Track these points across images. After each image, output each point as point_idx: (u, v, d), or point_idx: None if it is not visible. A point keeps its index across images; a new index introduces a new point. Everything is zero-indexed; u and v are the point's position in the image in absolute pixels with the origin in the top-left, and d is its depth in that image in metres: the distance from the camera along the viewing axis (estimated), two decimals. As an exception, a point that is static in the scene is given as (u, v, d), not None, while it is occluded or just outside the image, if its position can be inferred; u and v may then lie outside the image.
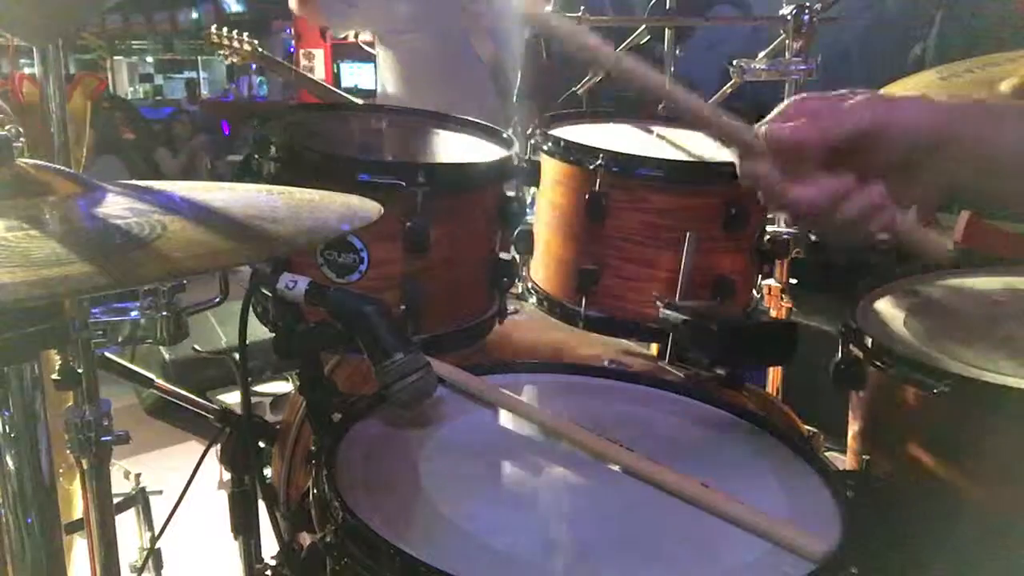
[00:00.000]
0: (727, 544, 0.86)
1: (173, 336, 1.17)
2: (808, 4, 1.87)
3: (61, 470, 1.57)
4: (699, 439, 1.10)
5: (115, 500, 1.47)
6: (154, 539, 1.67)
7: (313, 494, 0.93)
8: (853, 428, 1.34)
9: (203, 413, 1.53)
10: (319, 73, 8.85)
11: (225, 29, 3.32)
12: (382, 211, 0.96)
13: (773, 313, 1.83)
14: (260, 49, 3.34)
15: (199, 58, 10.69)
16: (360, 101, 2.98)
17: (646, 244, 1.41)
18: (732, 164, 1.28)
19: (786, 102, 0.83)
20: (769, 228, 1.58)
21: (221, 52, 3.39)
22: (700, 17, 2.72)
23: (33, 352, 0.91)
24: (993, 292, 1.39)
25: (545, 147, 1.49)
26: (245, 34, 3.34)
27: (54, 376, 1.18)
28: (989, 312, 1.34)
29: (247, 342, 1.18)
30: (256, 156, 1.28)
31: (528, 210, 1.52)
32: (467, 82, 2.86)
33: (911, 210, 0.81)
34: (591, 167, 1.39)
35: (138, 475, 1.81)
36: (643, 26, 2.20)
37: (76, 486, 1.56)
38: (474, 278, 1.39)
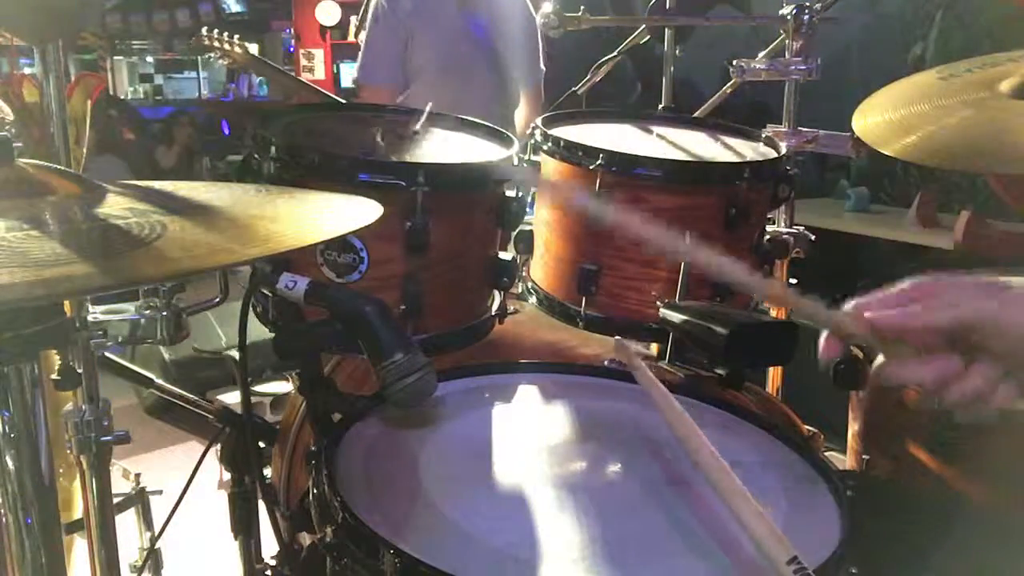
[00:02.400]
0: (727, 543, 0.86)
1: (173, 336, 1.17)
2: (808, 4, 1.87)
3: (61, 470, 1.57)
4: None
5: (115, 500, 1.47)
6: (154, 539, 1.67)
7: (313, 494, 0.93)
8: (853, 428, 1.34)
9: (203, 413, 1.53)
10: (319, 73, 8.85)
11: (216, 31, 3.23)
12: (382, 211, 0.96)
13: (773, 313, 1.83)
14: (253, 53, 3.26)
15: (199, 58, 10.68)
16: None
17: (646, 244, 1.41)
18: (732, 164, 1.28)
19: (903, 284, 0.82)
20: (769, 228, 1.58)
21: (213, 55, 3.32)
22: (700, 17, 2.72)
23: (33, 352, 0.91)
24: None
25: (545, 147, 1.49)
26: (236, 37, 3.24)
27: (54, 376, 1.18)
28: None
29: (247, 342, 1.18)
30: (256, 156, 1.28)
31: (528, 210, 1.52)
32: (472, 81, 2.85)
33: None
34: (591, 167, 1.39)
35: (138, 475, 1.81)
36: (643, 26, 2.20)
37: (76, 486, 1.56)
38: (474, 278, 1.39)
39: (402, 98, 2.75)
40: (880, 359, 0.80)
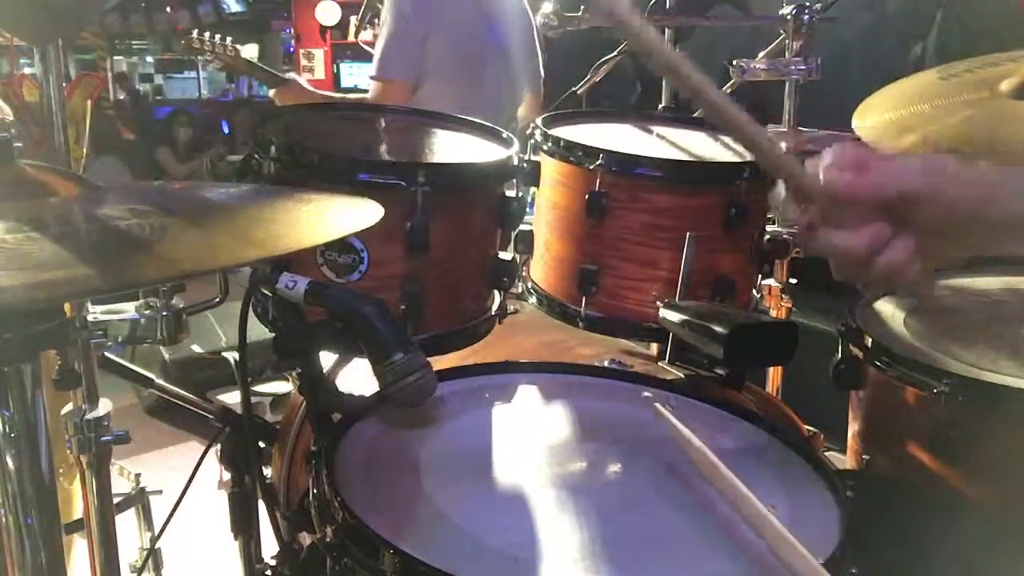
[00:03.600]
0: (727, 544, 0.86)
1: (173, 336, 1.17)
2: (808, 4, 1.87)
3: (61, 470, 1.57)
4: (699, 439, 1.10)
5: (115, 500, 1.47)
6: (154, 539, 1.67)
7: (313, 494, 0.93)
8: (853, 428, 1.34)
9: (203, 413, 1.53)
10: (319, 73, 8.85)
11: (208, 34, 3.14)
12: (382, 211, 0.96)
13: (773, 313, 1.83)
14: (245, 56, 3.17)
15: (199, 58, 10.69)
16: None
17: (646, 244, 1.41)
18: (732, 164, 1.27)
19: (835, 149, 0.84)
20: (769, 228, 1.59)
21: (202, 58, 3.21)
22: (700, 17, 2.72)
23: (33, 352, 0.91)
24: (993, 292, 1.40)
25: (545, 147, 1.49)
26: (229, 39, 3.14)
27: (54, 376, 1.18)
28: (989, 312, 1.34)
29: (247, 342, 1.18)
30: (256, 156, 1.28)
31: (528, 210, 1.52)
32: (484, 81, 2.85)
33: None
34: (591, 167, 1.39)
35: (138, 475, 1.81)
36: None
37: (76, 486, 1.56)
38: (474, 278, 1.39)
39: (415, 96, 2.75)
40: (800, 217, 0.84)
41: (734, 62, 1.96)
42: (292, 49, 9.39)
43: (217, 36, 3.06)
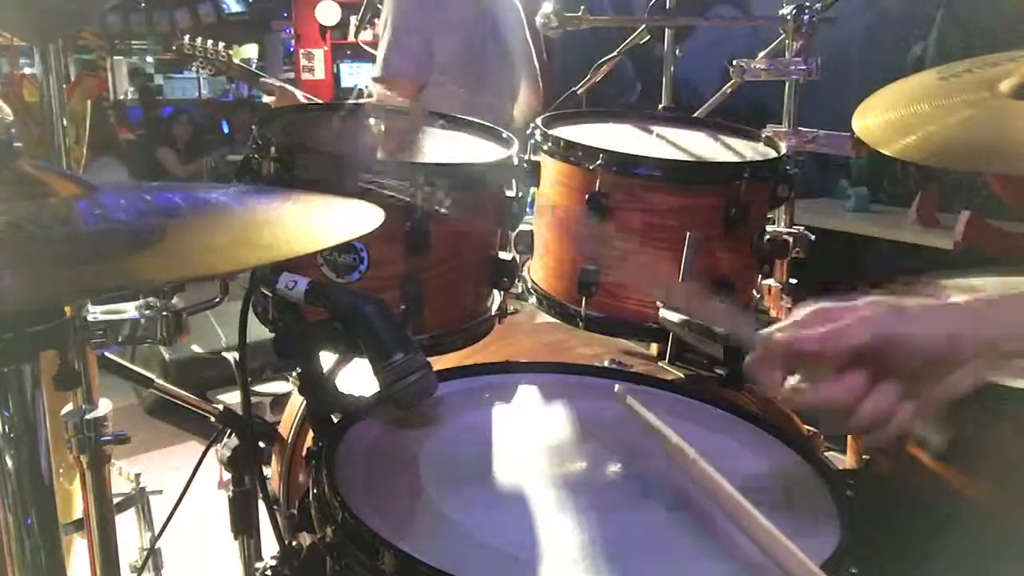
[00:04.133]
0: (727, 544, 0.86)
1: (173, 336, 1.17)
2: (808, 4, 1.87)
3: (61, 470, 1.57)
4: (699, 439, 1.10)
5: (115, 500, 1.47)
6: (154, 539, 1.67)
7: (313, 494, 0.93)
8: (853, 428, 1.34)
9: (203, 413, 1.53)
10: (319, 73, 8.84)
11: (199, 40, 3.08)
12: (382, 213, 0.96)
13: (773, 313, 1.83)
14: (236, 62, 3.11)
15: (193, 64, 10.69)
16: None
17: (646, 244, 1.41)
18: (732, 164, 1.27)
19: (799, 312, 0.85)
20: (769, 228, 1.58)
21: (194, 65, 3.12)
22: (700, 17, 2.72)
23: (33, 352, 0.91)
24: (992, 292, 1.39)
25: (545, 147, 1.49)
26: (221, 45, 3.03)
27: (54, 376, 1.18)
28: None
29: (247, 342, 1.18)
30: (256, 156, 1.28)
31: (528, 210, 1.52)
32: (488, 80, 2.85)
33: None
34: (591, 167, 1.39)
35: (138, 475, 1.81)
36: (643, 26, 2.20)
37: (76, 486, 1.56)
38: (474, 278, 1.39)
39: (420, 96, 2.74)
40: (789, 384, 0.85)
41: (734, 62, 1.96)
42: (292, 49, 9.39)
43: (209, 42, 3.03)
